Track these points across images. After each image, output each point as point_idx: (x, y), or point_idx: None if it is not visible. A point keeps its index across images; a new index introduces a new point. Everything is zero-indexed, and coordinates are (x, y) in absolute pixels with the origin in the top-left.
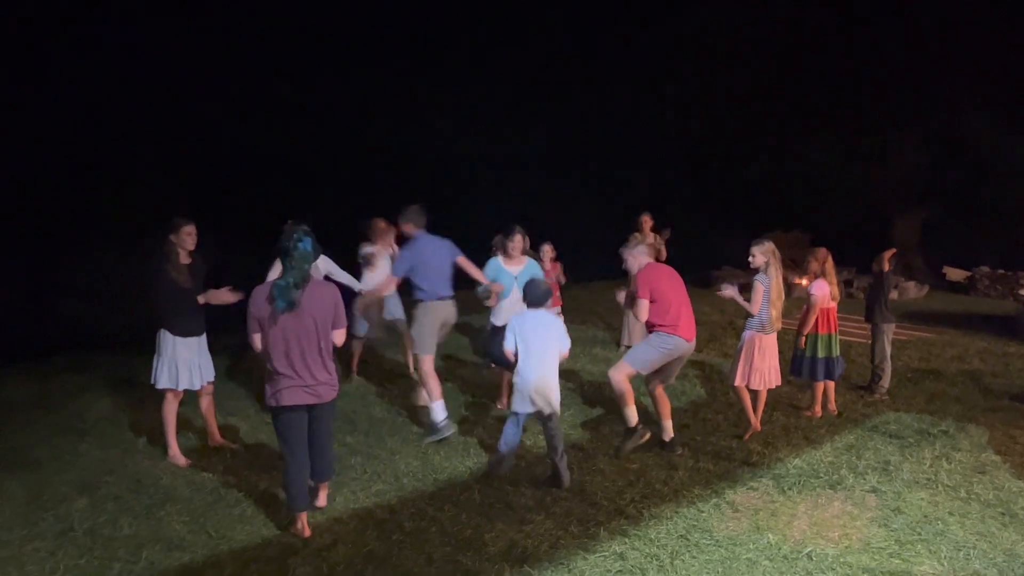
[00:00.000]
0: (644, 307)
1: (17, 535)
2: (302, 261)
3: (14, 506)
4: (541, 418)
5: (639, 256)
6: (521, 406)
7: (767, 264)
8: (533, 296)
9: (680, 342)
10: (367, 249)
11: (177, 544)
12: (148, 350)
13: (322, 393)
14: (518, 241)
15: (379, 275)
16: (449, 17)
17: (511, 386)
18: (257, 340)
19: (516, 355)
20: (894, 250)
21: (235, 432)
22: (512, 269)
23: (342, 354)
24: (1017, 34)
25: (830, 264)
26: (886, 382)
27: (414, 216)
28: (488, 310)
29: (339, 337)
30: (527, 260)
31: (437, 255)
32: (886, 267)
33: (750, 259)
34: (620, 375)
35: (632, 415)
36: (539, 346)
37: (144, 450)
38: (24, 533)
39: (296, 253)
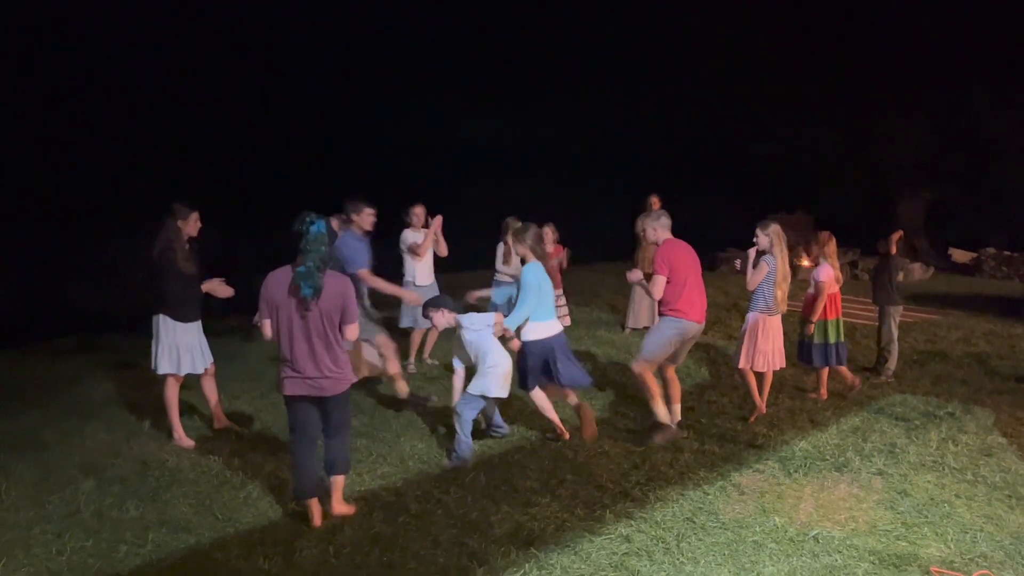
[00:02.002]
0: (661, 283)
1: (24, 517)
2: (317, 243)
3: (21, 488)
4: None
5: (660, 229)
6: (503, 392)
7: (771, 246)
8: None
9: (690, 325)
10: (412, 237)
11: (183, 526)
12: (152, 333)
13: (324, 387)
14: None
15: (425, 264)
16: (453, 3)
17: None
18: (267, 326)
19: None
20: (901, 232)
21: (240, 414)
22: None
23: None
24: (1022, 13)
25: (831, 247)
26: (892, 364)
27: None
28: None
29: (350, 332)
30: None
31: None
32: (892, 249)
33: (754, 240)
34: (642, 369)
35: (661, 411)
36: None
37: (150, 432)
38: (31, 515)
39: (309, 236)
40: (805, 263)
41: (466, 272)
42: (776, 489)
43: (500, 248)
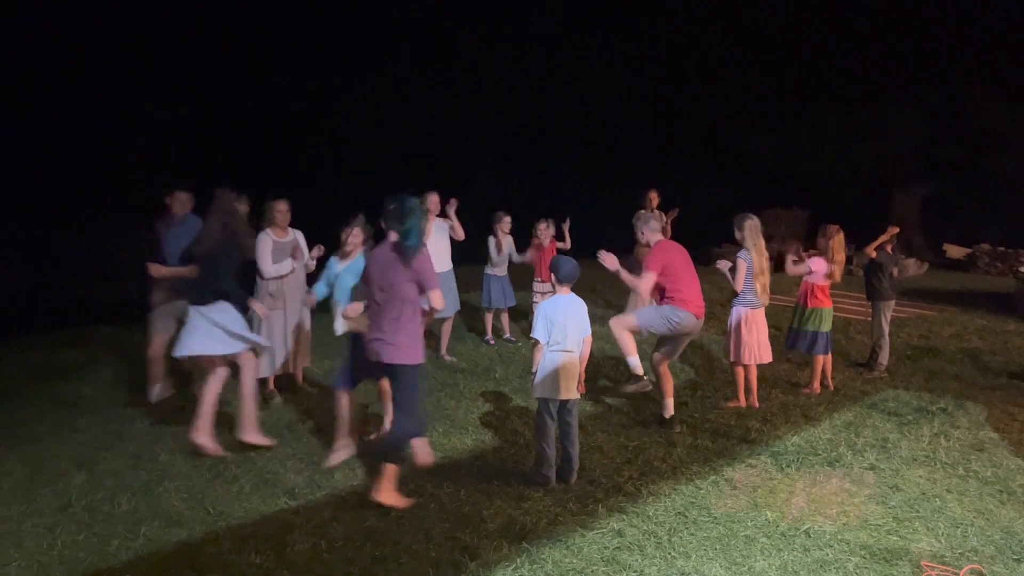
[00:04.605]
0: (650, 279)
1: (16, 511)
2: (422, 215)
3: (13, 481)
4: (561, 406)
5: (649, 232)
6: (553, 392)
7: (745, 240)
8: (564, 273)
9: (690, 317)
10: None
11: (175, 520)
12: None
13: (380, 350)
14: (357, 234)
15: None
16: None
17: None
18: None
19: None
20: (894, 231)
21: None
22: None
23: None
24: (1018, 7)
25: (836, 241)
26: (884, 359)
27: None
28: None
29: (436, 300)
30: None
31: None
32: (889, 248)
33: (736, 234)
34: (621, 327)
35: (636, 364)
36: (572, 328)
37: (142, 426)
38: (23, 509)
39: (416, 209)
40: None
41: (460, 266)
42: (768, 484)
43: (491, 242)
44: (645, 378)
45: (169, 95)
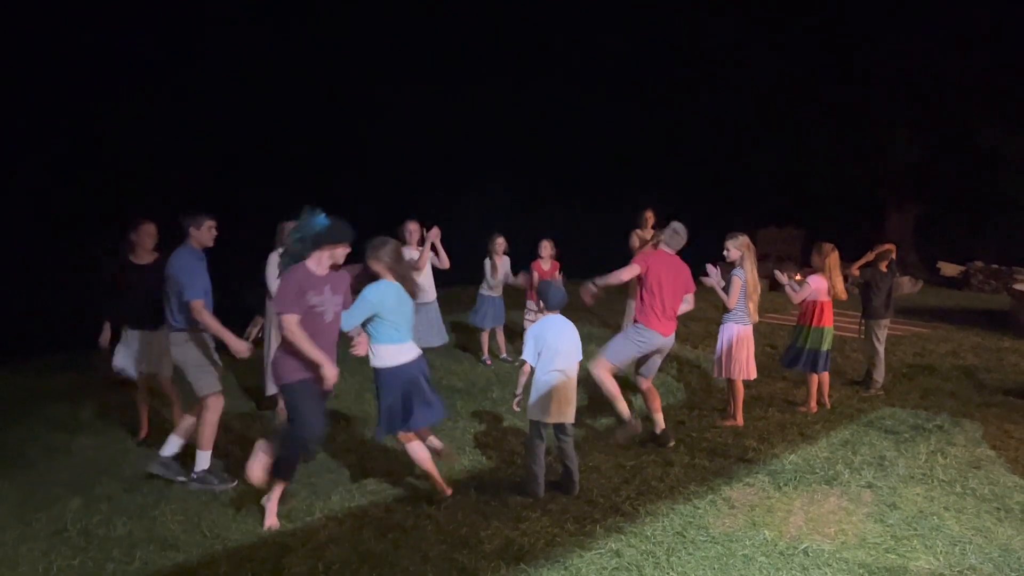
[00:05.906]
0: (631, 270)
1: (10, 535)
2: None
3: (7, 506)
4: (556, 428)
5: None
6: (543, 415)
7: (742, 258)
8: (553, 300)
9: (655, 336)
10: (407, 255)
11: (171, 544)
12: None
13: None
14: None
15: (425, 281)
16: (445, 6)
17: None
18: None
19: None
20: (888, 247)
21: (232, 432)
22: None
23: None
24: (1013, 27)
25: (832, 260)
26: (879, 377)
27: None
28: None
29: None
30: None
31: None
32: (883, 266)
33: (725, 253)
34: (600, 371)
35: (623, 409)
36: (564, 350)
37: (138, 449)
38: (17, 533)
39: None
40: (798, 278)
41: (456, 286)
42: (766, 503)
43: (487, 264)
44: (635, 420)
45: (173, 115)
